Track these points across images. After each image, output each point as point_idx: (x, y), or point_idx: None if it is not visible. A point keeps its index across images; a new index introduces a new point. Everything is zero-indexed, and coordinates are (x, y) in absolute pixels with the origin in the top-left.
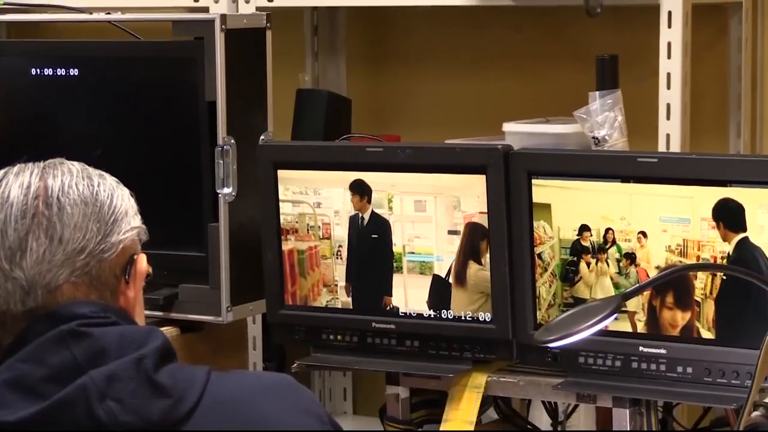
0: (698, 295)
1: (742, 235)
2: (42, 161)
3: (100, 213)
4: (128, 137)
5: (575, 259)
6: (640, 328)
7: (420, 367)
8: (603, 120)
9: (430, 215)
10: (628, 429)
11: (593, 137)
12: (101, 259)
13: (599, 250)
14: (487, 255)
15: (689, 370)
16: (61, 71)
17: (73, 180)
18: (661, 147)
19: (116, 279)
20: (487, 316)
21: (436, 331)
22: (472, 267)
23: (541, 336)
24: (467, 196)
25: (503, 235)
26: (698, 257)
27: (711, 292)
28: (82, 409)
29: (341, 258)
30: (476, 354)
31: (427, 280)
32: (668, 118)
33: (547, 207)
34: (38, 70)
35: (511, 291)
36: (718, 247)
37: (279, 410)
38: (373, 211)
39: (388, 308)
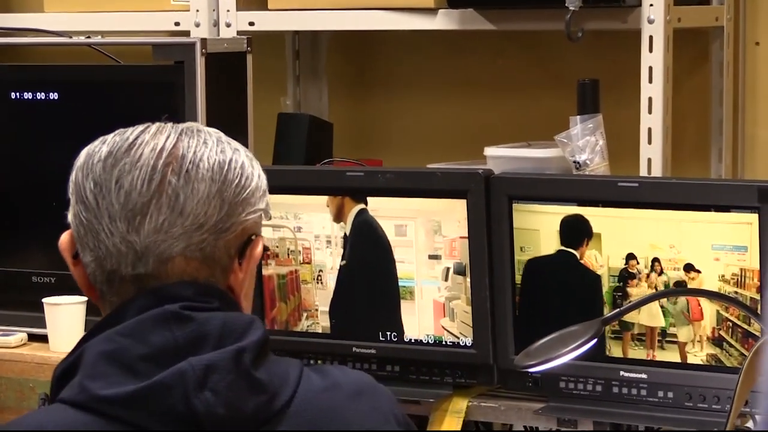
0: None
1: None
2: (180, 124)
3: (226, 192)
4: None
5: (622, 285)
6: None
7: (400, 391)
8: (584, 144)
9: (411, 239)
10: None
11: (574, 161)
12: (218, 238)
13: (647, 276)
14: (468, 278)
15: (670, 394)
16: (40, 95)
17: (206, 152)
18: (643, 171)
19: (230, 258)
20: (468, 341)
21: (417, 356)
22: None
23: (521, 361)
24: (448, 220)
25: (484, 260)
26: (758, 288)
27: None
28: (179, 395)
29: (322, 283)
30: (457, 379)
31: (407, 305)
32: (650, 142)
33: (597, 236)
34: (18, 94)
35: (492, 315)
36: None
37: (362, 415)
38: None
39: (369, 333)
